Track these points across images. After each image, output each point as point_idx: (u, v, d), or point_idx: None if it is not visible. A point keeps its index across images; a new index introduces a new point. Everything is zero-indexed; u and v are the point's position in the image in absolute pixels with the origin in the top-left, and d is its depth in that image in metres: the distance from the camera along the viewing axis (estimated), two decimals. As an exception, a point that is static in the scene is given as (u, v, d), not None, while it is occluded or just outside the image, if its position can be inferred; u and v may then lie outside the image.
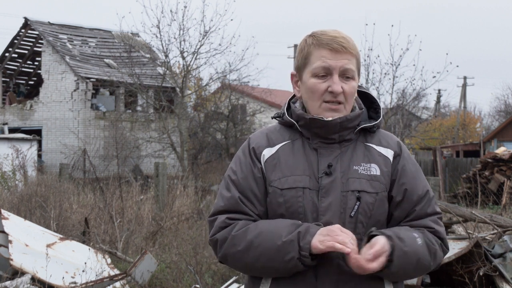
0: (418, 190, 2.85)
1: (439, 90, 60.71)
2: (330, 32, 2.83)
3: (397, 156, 2.88)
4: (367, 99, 3.00)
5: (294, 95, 2.99)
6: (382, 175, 2.82)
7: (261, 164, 2.86)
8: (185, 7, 28.63)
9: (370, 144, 2.88)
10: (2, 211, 8.87)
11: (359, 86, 2.96)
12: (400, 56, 26.57)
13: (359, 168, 2.81)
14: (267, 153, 2.88)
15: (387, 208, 2.83)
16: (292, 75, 2.95)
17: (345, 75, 2.81)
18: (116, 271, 8.72)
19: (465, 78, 59.56)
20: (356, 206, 2.75)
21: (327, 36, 2.82)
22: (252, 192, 2.83)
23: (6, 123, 35.58)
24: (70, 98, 34.14)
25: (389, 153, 2.87)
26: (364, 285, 2.76)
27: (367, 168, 2.81)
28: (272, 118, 3.05)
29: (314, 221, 2.75)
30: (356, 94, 2.91)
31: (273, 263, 2.72)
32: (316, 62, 2.81)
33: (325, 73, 2.81)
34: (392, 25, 26.76)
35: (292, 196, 2.78)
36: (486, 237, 8.65)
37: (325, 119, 2.81)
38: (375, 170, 2.81)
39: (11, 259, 7.95)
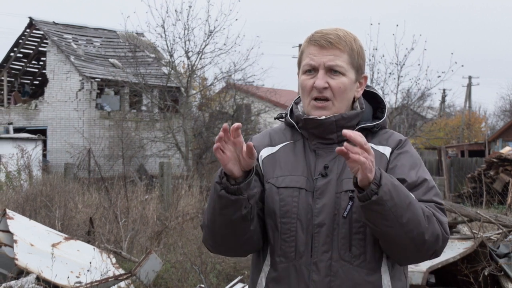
0: (410, 178, 2.72)
1: (444, 90, 60.60)
2: (326, 30, 2.81)
3: (394, 151, 2.81)
4: (375, 99, 2.96)
5: (299, 96, 2.98)
6: None
7: (257, 161, 2.84)
8: (190, 6, 28.65)
9: (369, 144, 2.78)
10: (7, 210, 8.89)
11: (367, 86, 2.93)
12: (405, 55, 26.55)
13: None
14: (265, 152, 2.87)
15: None
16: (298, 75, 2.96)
17: (332, 70, 2.77)
18: (121, 271, 8.72)
19: (470, 77, 59.49)
20: (349, 206, 2.69)
21: (320, 33, 2.79)
22: None
23: (11, 123, 35.64)
24: (75, 98, 34.18)
25: (386, 150, 2.81)
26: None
27: None
28: (274, 119, 3.05)
29: (309, 222, 2.72)
30: (356, 93, 2.87)
31: (212, 205, 2.70)
32: (306, 59, 2.81)
33: (312, 69, 2.79)
34: (397, 25, 26.80)
35: (288, 195, 2.76)
36: (491, 237, 8.64)
37: (319, 118, 2.77)
38: None
39: (16, 259, 7.96)
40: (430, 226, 2.61)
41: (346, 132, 2.46)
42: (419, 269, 7.37)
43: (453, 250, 7.87)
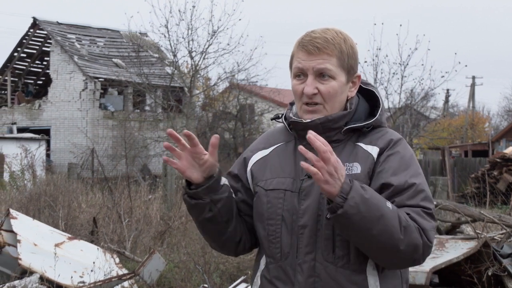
0: (396, 182, 2.67)
1: (447, 90, 60.40)
2: (314, 33, 2.76)
3: (382, 152, 2.75)
4: (374, 96, 2.92)
5: None
6: (363, 173, 2.72)
7: (247, 168, 2.93)
8: (194, 6, 28.72)
9: (359, 144, 2.79)
10: (11, 210, 8.89)
11: (365, 83, 2.91)
12: (409, 55, 26.56)
13: None
14: (256, 157, 2.91)
15: None
16: None
17: (321, 74, 2.74)
18: (125, 271, 8.73)
19: (473, 77, 59.36)
20: None
21: (309, 37, 2.76)
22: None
23: (15, 123, 35.69)
24: (78, 98, 34.22)
25: (374, 151, 2.76)
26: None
27: (349, 168, 2.72)
28: (271, 119, 3.06)
29: (293, 224, 2.74)
30: (350, 93, 2.84)
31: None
32: (295, 63, 2.79)
33: (301, 74, 2.77)
34: (401, 25, 26.74)
35: (275, 197, 2.78)
36: (495, 237, 8.63)
37: (304, 121, 2.76)
38: (356, 168, 2.72)
39: (20, 259, 7.96)
40: (406, 237, 2.57)
41: (309, 135, 2.49)
42: (422, 269, 7.36)
43: (457, 250, 7.86)
